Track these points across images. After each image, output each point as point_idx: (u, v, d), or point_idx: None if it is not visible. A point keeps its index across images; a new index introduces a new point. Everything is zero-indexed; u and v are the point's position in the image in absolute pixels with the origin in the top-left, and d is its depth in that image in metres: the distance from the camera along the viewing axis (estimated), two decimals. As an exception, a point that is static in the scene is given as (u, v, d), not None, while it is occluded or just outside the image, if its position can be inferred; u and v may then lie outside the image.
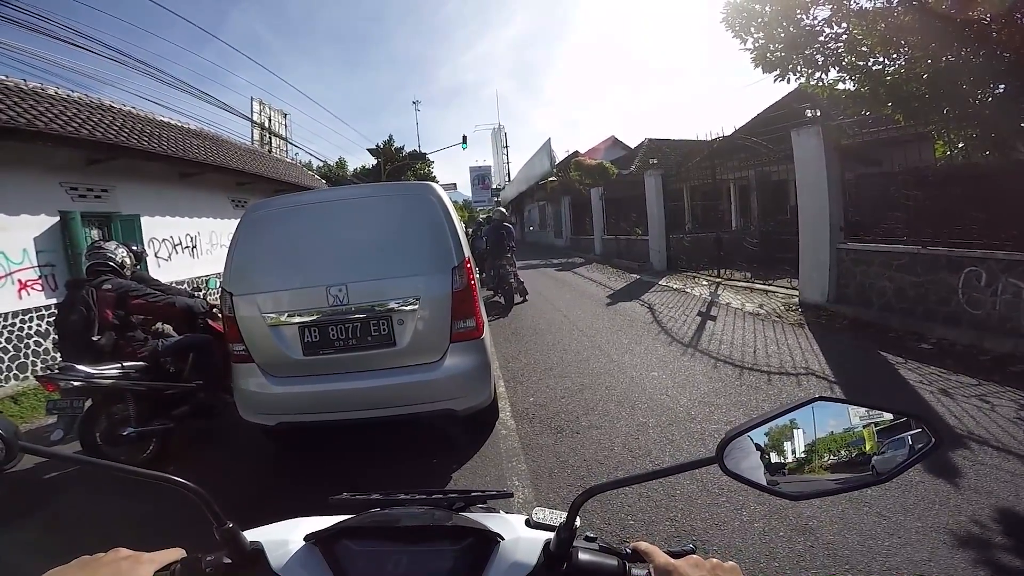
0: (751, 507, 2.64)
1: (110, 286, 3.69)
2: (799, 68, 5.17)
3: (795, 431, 0.61)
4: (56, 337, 3.89)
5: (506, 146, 47.30)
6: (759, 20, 5.07)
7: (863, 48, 4.77)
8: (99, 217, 7.73)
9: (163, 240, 9.39)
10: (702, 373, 4.85)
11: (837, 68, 5.07)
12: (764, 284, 9.07)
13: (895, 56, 4.73)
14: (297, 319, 3.20)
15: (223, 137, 13.70)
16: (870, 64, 4.91)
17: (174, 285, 4.86)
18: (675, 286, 10.39)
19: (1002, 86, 4.27)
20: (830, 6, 4.70)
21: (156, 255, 9.14)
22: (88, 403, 3.44)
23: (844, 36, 4.84)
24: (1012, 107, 4.51)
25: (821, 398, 0.61)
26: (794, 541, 2.35)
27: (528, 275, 14.56)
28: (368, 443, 3.75)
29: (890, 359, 4.88)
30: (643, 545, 0.66)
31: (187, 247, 10.10)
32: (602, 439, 3.64)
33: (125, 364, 3.60)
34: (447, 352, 3.26)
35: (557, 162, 25.06)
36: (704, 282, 10.42)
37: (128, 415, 3.59)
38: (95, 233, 7.49)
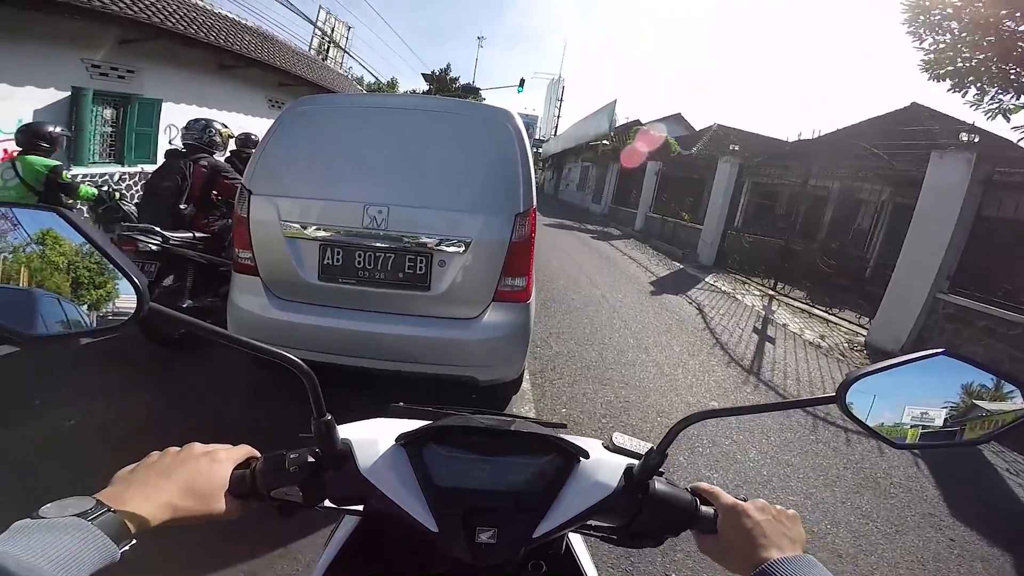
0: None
1: (206, 164, 3.86)
2: (983, 81, 4.12)
3: (912, 384, 0.62)
4: (138, 200, 4.08)
5: (560, 100, 45.00)
6: (946, 21, 4.00)
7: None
8: (116, 97, 7.15)
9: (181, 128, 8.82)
10: (770, 415, 4.11)
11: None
12: (826, 311, 8.15)
13: None
14: (320, 233, 2.67)
15: (277, 37, 13.05)
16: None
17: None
18: (724, 288, 9.59)
19: None
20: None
21: (171, 142, 8.56)
22: (155, 270, 3.42)
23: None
24: None
25: (946, 352, 0.60)
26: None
27: (561, 236, 13.84)
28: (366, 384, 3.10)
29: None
30: (705, 486, 0.66)
31: (207, 138, 9.63)
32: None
33: (197, 234, 3.70)
34: (487, 310, 2.74)
35: (616, 126, 23.59)
36: (756, 292, 9.60)
37: (184, 286, 3.63)
38: (108, 113, 6.90)
